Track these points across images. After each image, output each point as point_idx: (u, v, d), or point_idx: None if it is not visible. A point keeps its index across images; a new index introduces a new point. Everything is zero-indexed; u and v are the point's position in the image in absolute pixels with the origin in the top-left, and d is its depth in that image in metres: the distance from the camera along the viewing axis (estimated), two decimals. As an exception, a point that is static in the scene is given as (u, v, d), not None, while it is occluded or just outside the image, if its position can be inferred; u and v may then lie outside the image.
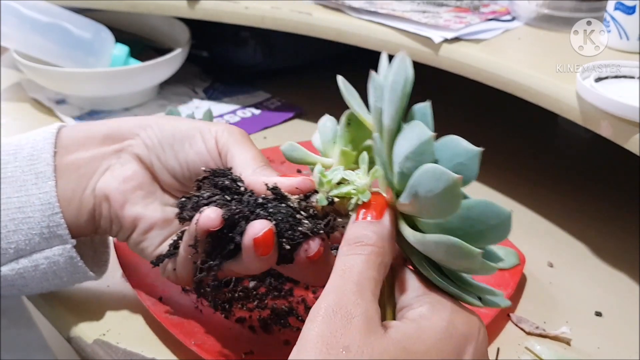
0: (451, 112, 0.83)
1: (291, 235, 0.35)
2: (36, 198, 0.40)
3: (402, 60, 0.31)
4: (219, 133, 0.40)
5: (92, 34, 0.72)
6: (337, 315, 0.29)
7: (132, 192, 0.41)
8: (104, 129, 0.42)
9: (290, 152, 0.40)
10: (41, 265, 0.41)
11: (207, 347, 0.41)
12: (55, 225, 0.40)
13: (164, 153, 0.41)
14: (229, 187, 0.37)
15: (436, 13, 0.64)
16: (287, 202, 0.35)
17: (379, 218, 0.32)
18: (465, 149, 0.30)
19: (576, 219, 0.60)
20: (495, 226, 0.30)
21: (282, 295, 0.48)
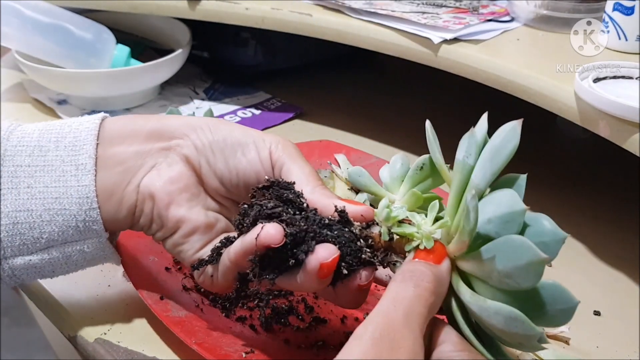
0: (450, 112, 0.83)
1: (350, 260, 0.35)
2: (74, 190, 0.39)
3: (514, 129, 0.32)
4: (274, 145, 0.40)
5: (93, 34, 0.73)
6: (385, 340, 0.29)
7: (178, 194, 0.41)
8: (150, 125, 0.41)
9: (357, 176, 0.41)
10: (73, 256, 0.41)
11: (208, 346, 0.41)
12: (92, 220, 0.40)
13: (214, 157, 0.40)
14: (293, 201, 0.36)
15: (435, 14, 0.65)
16: (351, 228, 0.35)
17: (438, 263, 0.33)
18: (553, 231, 0.31)
19: (574, 219, 0.61)
20: (560, 311, 0.30)
21: (283, 294, 0.48)
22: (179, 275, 0.49)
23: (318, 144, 0.64)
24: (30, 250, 0.39)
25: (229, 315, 0.46)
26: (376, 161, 0.63)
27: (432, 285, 0.32)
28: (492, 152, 0.32)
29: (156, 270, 0.48)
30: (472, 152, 0.33)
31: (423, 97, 0.86)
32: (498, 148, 0.32)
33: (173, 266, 0.49)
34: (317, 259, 0.34)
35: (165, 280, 0.47)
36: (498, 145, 0.32)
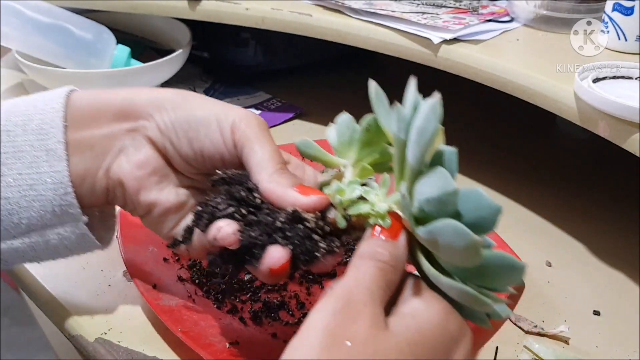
0: (450, 112, 0.83)
1: (307, 257, 0.35)
2: (48, 176, 0.39)
3: (433, 107, 0.32)
4: (236, 122, 0.40)
5: (93, 34, 0.73)
6: (346, 310, 0.29)
7: (146, 179, 0.41)
8: (117, 103, 0.41)
9: (304, 148, 0.41)
10: (52, 241, 0.41)
11: (193, 335, 0.41)
12: (68, 205, 0.40)
13: (178, 140, 0.40)
14: (245, 199, 0.37)
15: (435, 14, 0.65)
16: (304, 223, 0.36)
17: (394, 239, 0.33)
18: (488, 204, 0.31)
19: (574, 219, 0.61)
20: (509, 276, 0.32)
21: (276, 289, 0.49)
22: (175, 266, 0.49)
23: (321, 144, 0.64)
24: (12, 235, 0.40)
25: (220, 307, 0.46)
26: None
27: (390, 263, 0.32)
28: (418, 133, 0.32)
29: (154, 260, 0.49)
30: (402, 128, 0.33)
31: (423, 96, 0.86)
32: (422, 129, 0.32)
33: (171, 257, 0.50)
34: (266, 264, 0.35)
35: (162, 270, 0.48)
36: (421, 125, 0.32)
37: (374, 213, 0.34)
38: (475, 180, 0.66)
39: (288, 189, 0.37)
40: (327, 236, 0.36)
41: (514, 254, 0.52)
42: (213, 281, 0.49)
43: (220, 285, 0.48)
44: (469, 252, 0.30)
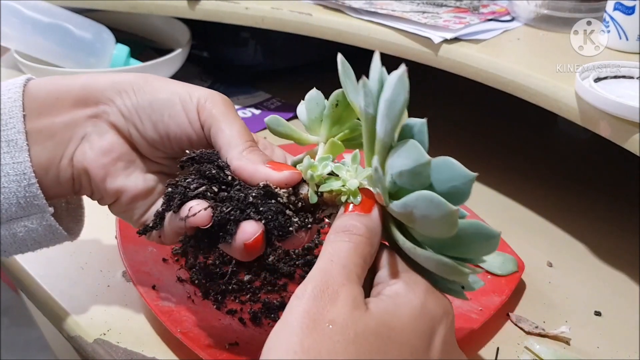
0: (450, 112, 0.83)
1: (280, 232, 0.35)
2: (10, 168, 0.38)
3: (401, 79, 0.32)
4: (201, 102, 0.39)
5: (92, 34, 0.72)
6: (324, 294, 0.30)
7: (112, 165, 0.40)
8: (76, 90, 0.40)
9: (275, 126, 0.40)
10: (19, 234, 0.40)
11: (192, 336, 0.41)
12: (32, 196, 0.39)
13: (142, 124, 0.39)
14: (216, 177, 0.36)
15: (436, 13, 0.65)
16: (277, 199, 0.36)
17: (367, 212, 0.33)
18: (461, 173, 0.31)
19: (575, 219, 0.60)
20: (484, 245, 0.32)
21: (276, 289, 0.49)
22: (175, 266, 0.49)
23: None
24: None
25: (220, 308, 0.46)
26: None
27: (365, 236, 0.32)
28: (387, 106, 0.32)
29: (153, 261, 0.49)
30: (370, 102, 0.33)
31: (423, 96, 0.86)
32: (391, 101, 0.32)
33: (170, 257, 0.50)
34: (240, 239, 0.35)
35: (161, 270, 0.48)
36: (390, 98, 0.32)
37: (345, 190, 0.35)
38: (475, 180, 0.66)
39: (259, 165, 0.36)
40: (300, 212, 0.36)
41: (514, 254, 0.52)
42: (209, 280, 0.48)
43: (220, 286, 0.48)
44: (445, 222, 0.30)
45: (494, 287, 0.49)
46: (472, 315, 0.46)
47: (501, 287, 0.49)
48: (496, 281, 0.50)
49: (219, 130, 0.38)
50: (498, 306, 0.47)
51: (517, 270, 0.51)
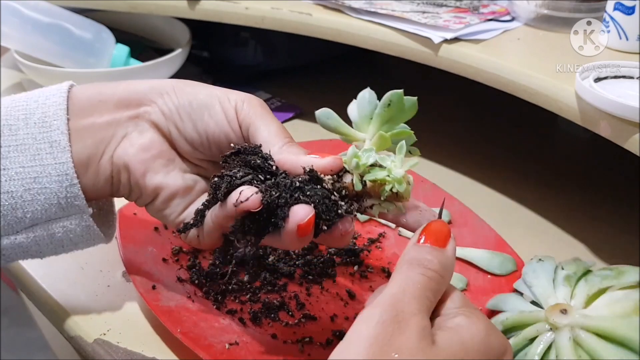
0: (450, 112, 0.83)
1: (327, 216, 0.36)
2: (52, 168, 0.39)
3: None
4: (239, 103, 0.40)
5: (92, 34, 0.72)
6: (394, 321, 0.30)
7: (152, 161, 0.41)
8: (118, 93, 0.41)
9: (325, 118, 0.41)
10: (57, 234, 0.40)
11: (192, 336, 0.41)
12: (73, 196, 0.39)
13: (182, 122, 0.41)
14: (261, 166, 0.37)
15: (436, 13, 0.65)
16: (322, 184, 0.36)
17: (442, 246, 0.33)
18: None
19: (575, 219, 0.60)
20: None
21: (276, 290, 0.49)
22: (175, 267, 0.49)
23: (329, 143, 0.64)
24: (15, 230, 0.39)
25: (220, 308, 0.46)
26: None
27: (439, 273, 0.32)
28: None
29: (153, 261, 0.49)
30: None
31: (423, 96, 0.86)
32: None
33: (170, 257, 0.50)
34: (294, 221, 0.35)
35: (161, 270, 0.48)
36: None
37: (390, 179, 0.35)
38: (475, 179, 0.66)
39: (302, 154, 0.37)
40: (344, 199, 0.37)
41: (513, 254, 0.52)
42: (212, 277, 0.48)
43: (220, 286, 0.48)
44: None
45: (493, 287, 0.49)
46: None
47: (501, 286, 0.49)
48: (496, 281, 0.50)
49: (257, 130, 0.39)
50: None
51: (516, 269, 0.51)
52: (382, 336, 0.29)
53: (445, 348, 0.30)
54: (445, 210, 0.57)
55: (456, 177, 0.67)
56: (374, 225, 0.57)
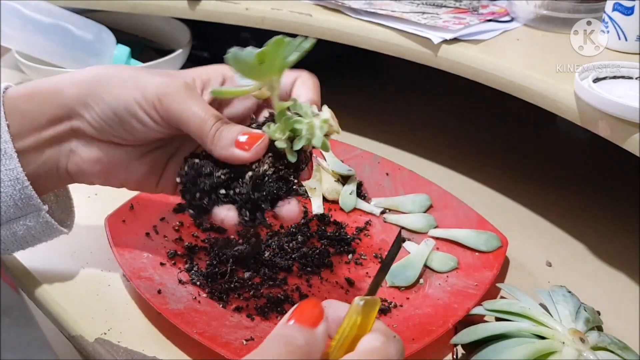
0: (450, 112, 0.83)
1: (292, 192, 0.41)
2: (4, 175, 0.41)
3: None
4: (156, 103, 0.41)
5: (93, 34, 0.73)
6: None
7: (107, 169, 0.44)
8: (49, 112, 0.42)
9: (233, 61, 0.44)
10: (19, 232, 0.43)
11: (209, 335, 0.42)
12: (27, 197, 0.42)
13: (114, 129, 0.42)
14: (215, 183, 0.40)
15: (435, 14, 0.65)
16: (266, 178, 0.39)
17: (312, 326, 0.31)
18: None
19: (575, 219, 0.61)
20: None
21: (277, 284, 0.49)
22: (173, 270, 0.49)
23: None
24: None
25: (225, 306, 0.46)
26: (361, 153, 0.64)
27: (303, 348, 0.30)
28: None
29: (151, 266, 0.49)
30: None
31: (423, 96, 0.86)
32: None
33: (167, 261, 0.50)
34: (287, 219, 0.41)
35: (161, 274, 0.48)
36: None
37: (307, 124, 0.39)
38: (475, 180, 0.66)
39: (233, 149, 0.39)
40: (289, 166, 0.40)
41: (496, 231, 0.52)
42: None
43: (223, 285, 0.48)
44: None
45: (483, 263, 0.51)
46: (469, 290, 0.48)
47: (490, 262, 0.51)
48: (484, 257, 0.52)
49: (183, 125, 0.41)
50: (491, 280, 0.48)
51: (501, 245, 0.52)
52: None
53: None
54: (425, 195, 0.58)
55: (456, 177, 0.67)
56: (358, 214, 0.59)
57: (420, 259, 0.52)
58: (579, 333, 0.40)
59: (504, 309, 0.43)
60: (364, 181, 0.62)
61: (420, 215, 0.57)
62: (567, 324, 0.42)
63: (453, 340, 0.42)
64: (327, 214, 0.58)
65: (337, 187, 0.61)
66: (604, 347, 0.40)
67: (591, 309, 0.44)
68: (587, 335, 0.41)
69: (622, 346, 0.41)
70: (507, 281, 0.52)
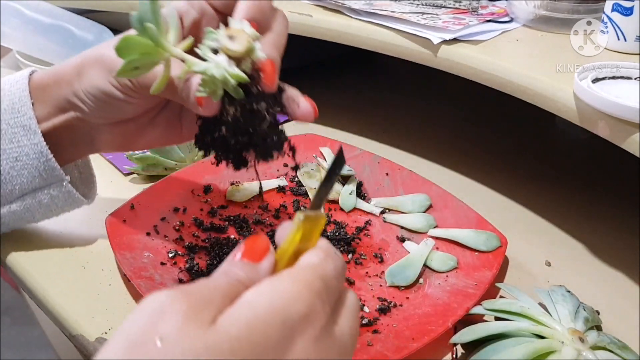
0: (450, 112, 0.83)
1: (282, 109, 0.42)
2: (29, 149, 0.46)
3: None
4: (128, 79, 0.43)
5: (94, 35, 0.73)
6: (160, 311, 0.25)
7: (124, 143, 0.48)
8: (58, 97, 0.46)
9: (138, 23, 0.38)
10: (44, 201, 0.48)
11: None
12: (51, 168, 0.47)
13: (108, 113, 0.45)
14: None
15: (435, 14, 0.65)
16: (258, 116, 0.39)
17: (257, 261, 0.29)
18: None
19: (574, 219, 0.61)
20: None
21: None
22: (174, 269, 0.49)
23: (303, 138, 0.65)
24: (9, 200, 0.48)
25: None
26: (361, 153, 0.64)
27: (243, 282, 0.27)
28: None
29: (152, 266, 0.49)
30: None
31: (423, 97, 0.86)
32: None
33: (168, 261, 0.50)
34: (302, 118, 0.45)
35: (162, 274, 0.48)
36: None
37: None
38: (475, 180, 0.66)
39: (197, 108, 0.39)
40: (259, 94, 0.39)
41: (495, 231, 0.52)
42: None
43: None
44: None
45: (483, 263, 0.51)
46: (469, 290, 0.48)
47: (490, 262, 0.51)
48: (484, 257, 0.52)
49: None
50: (491, 280, 0.48)
51: (500, 245, 0.52)
52: (144, 324, 0.24)
53: (225, 327, 0.24)
54: (424, 195, 0.58)
55: (456, 177, 0.67)
56: (358, 214, 0.59)
57: (419, 258, 0.52)
58: (578, 333, 0.41)
59: (503, 309, 0.43)
60: (364, 181, 0.62)
61: (420, 215, 0.58)
62: (567, 323, 0.42)
63: (452, 339, 0.43)
64: (327, 213, 0.58)
65: (337, 187, 0.61)
66: (603, 347, 0.40)
67: (590, 309, 0.45)
68: (587, 334, 0.41)
69: (621, 346, 0.41)
70: (506, 281, 0.52)
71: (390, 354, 0.42)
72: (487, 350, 0.40)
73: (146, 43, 0.36)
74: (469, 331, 0.42)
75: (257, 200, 0.60)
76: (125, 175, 0.64)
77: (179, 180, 0.58)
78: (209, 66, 0.37)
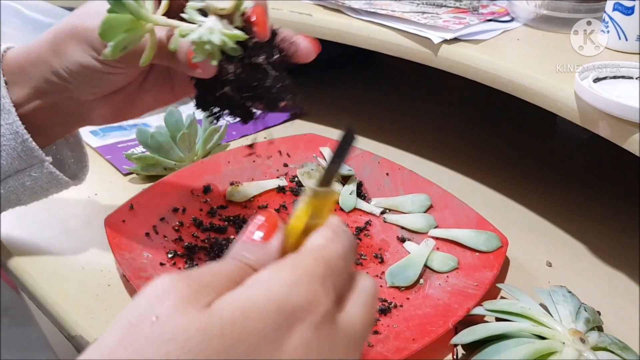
0: (450, 112, 0.83)
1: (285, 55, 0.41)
2: (5, 129, 0.44)
3: None
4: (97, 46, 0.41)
5: (93, 34, 0.73)
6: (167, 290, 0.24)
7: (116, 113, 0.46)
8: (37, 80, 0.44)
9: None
10: (27, 183, 0.46)
11: None
12: (30, 149, 0.44)
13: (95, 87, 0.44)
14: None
15: (435, 14, 0.65)
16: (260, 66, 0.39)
17: (266, 240, 0.27)
18: None
19: (575, 219, 0.61)
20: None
21: None
22: (173, 270, 0.49)
23: (302, 138, 0.65)
24: None
25: None
26: (361, 153, 0.64)
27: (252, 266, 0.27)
28: None
29: (151, 266, 0.49)
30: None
31: (423, 96, 0.86)
32: None
33: (167, 261, 0.50)
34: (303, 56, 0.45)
35: (160, 274, 0.48)
36: None
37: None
38: (475, 180, 0.66)
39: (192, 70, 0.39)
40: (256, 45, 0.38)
41: (496, 231, 0.52)
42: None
43: None
44: None
45: (484, 263, 0.51)
46: (469, 290, 0.48)
47: (490, 262, 0.51)
48: (485, 257, 0.51)
49: None
50: (491, 280, 0.48)
51: (501, 245, 0.52)
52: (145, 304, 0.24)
53: (219, 311, 0.23)
54: (425, 195, 0.58)
55: (456, 177, 0.67)
56: (358, 214, 0.59)
57: (420, 259, 0.52)
58: (579, 333, 0.40)
59: (504, 309, 0.43)
60: (364, 181, 0.62)
61: (420, 215, 0.57)
62: (568, 324, 0.42)
63: (453, 340, 0.42)
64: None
65: (337, 187, 0.61)
66: (604, 347, 0.40)
67: (591, 309, 0.44)
68: (588, 335, 0.41)
69: (622, 346, 0.41)
70: (507, 281, 0.52)
71: (390, 355, 0.42)
72: (488, 351, 0.40)
73: (129, 19, 0.35)
74: (469, 332, 0.42)
75: (257, 201, 0.60)
76: (124, 175, 0.64)
77: (178, 180, 0.58)
78: (203, 32, 0.35)
